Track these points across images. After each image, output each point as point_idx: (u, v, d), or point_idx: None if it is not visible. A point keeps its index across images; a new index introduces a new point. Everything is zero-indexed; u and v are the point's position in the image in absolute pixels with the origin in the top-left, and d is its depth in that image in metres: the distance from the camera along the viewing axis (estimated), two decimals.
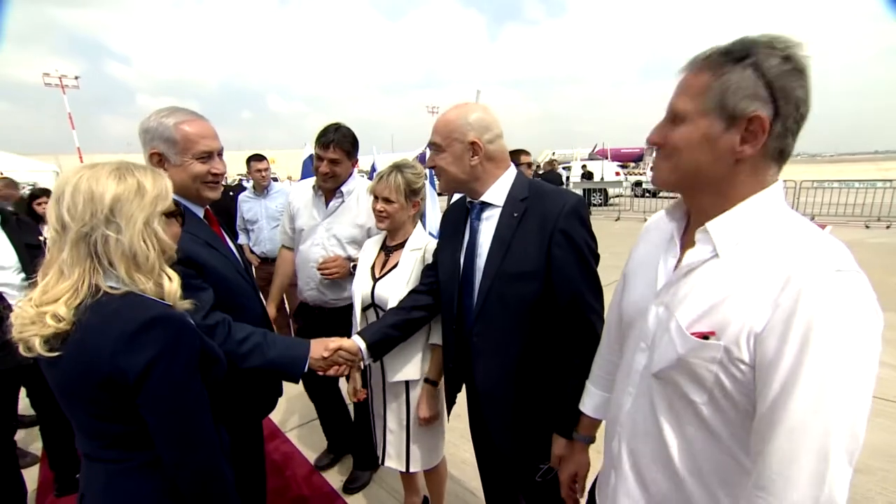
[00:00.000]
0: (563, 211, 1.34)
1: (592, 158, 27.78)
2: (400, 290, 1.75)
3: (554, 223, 1.33)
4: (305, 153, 4.93)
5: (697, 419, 0.81)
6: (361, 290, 1.86)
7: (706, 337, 0.76)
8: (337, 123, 2.21)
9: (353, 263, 2.20)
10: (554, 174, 11.27)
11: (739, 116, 0.74)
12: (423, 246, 1.82)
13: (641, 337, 0.93)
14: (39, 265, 0.96)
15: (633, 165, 34.37)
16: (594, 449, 1.26)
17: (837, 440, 0.65)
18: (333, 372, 1.54)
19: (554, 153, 28.04)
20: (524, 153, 4.20)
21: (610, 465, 1.03)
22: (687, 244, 0.88)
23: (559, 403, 1.35)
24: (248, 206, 4.17)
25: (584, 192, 14.60)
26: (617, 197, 17.19)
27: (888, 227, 10.31)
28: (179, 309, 1.01)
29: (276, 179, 4.99)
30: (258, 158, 4.28)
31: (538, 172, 11.33)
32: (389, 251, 1.88)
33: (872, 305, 0.67)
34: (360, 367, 1.64)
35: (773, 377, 0.68)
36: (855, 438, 0.66)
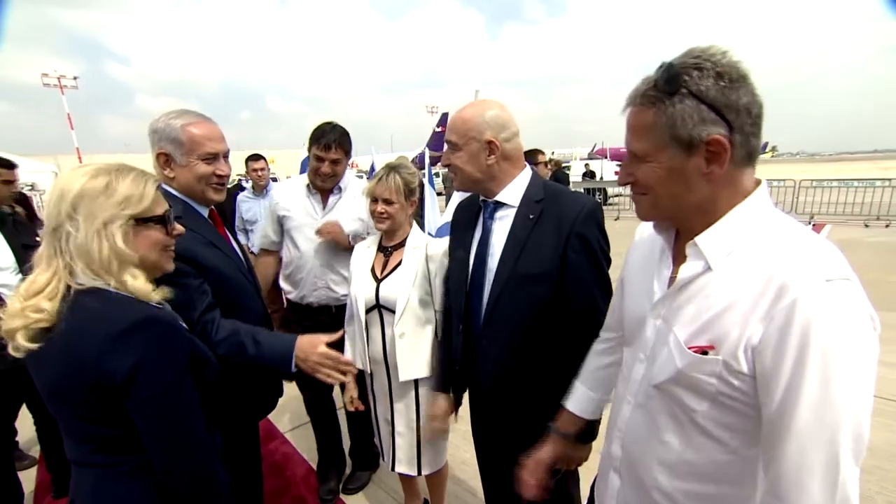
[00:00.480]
0: (580, 215, 1.34)
1: (592, 158, 27.80)
2: (406, 288, 1.76)
3: (571, 226, 1.33)
4: (304, 153, 4.92)
5: (699, 427, 0.81)
6: (364, 292, 1.84)
7: (705, 352, 0.76)
8: (332, 123, 2.20)
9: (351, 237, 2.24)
10: (562, 173, 11.24)
11: (697, 143, 0.74)
12: (423, 244, 1.83)
13: (640, 348, 0.93)
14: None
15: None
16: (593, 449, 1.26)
17: (845, 447, 0.65)
18: (321, 377, 1.41)
19: (553, 153, 28.06)
20: (540, 152, 4.14)
21: (609, 467, 1.04)
22: (678, 257, 0.88)
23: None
24: (246, 206, 4.17)
25: (583, 191, 14.55)
26: (617, 196, 17.18)
27: (887, 225, 10.32)
28: (152, 301, 0.99)
29: (275, 179, 4.99)
30: (255, 158, 4.28)
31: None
32: (389, 251, 1.87)
33: (865, 311, 0.68)
34: (351, 374, 1.48)
35: (774, 390, 0.69)
36: (860, 441, 0.66)
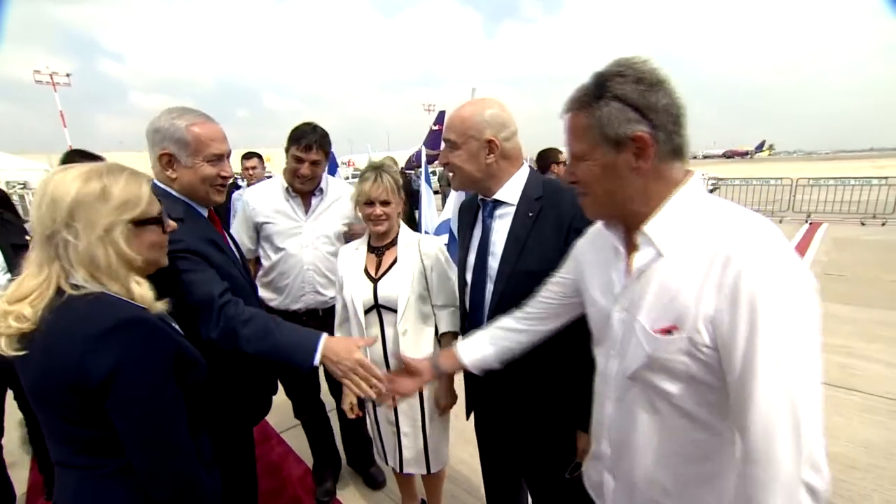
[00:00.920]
0: (579, 211, 1.34)
1: None
2: (406, 285, 1.76)
3: (570, 223, 1.34)
4: None
5: (676, 409, 0.87)
6: (361, 293, 1.81)
7: (670, 332, 0.82)
8: (311, 124, 2.17)
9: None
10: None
11: (624, 140, 0.83)
12: (416, 240, 1.84)
13: (611, 344, 0.98)
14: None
15: None
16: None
17: (804, 405, 0.71)
18: (349, 385, 1.33)
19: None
20: (558, 151, 4.03)
21: (602, 470, 1.07)
22: (630, 249, 0.94)
23: (575, 400, 1.34)
24: (241, 204, 4.15)
25: None
26: None
27: (883, 224, 10.37)
28: (155, 311, 0.98)
29: (270, 177, 4.97)
30: (248, 157, 4.27)
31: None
32: (381, 251, 1.86)
33: (801, 268, 0.74)
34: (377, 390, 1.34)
35: (734, 357, 0.75)
36: (817, 394, 0.72)
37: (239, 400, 1.52)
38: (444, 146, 1.49)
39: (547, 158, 4.07)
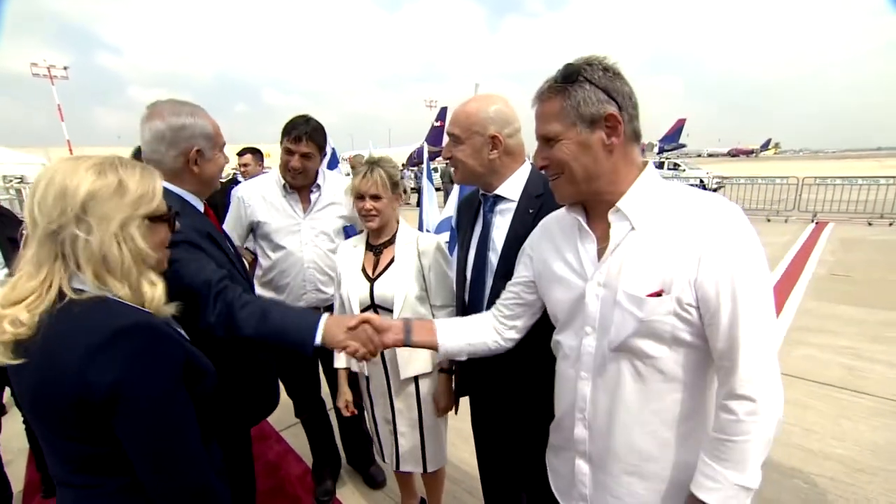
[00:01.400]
0: None
1: None
2: (403, 285, 1.75)
3: None
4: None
5: (661, 374, 0.96)
6: (358, 293, 1.81)
7: (659, 295, 0.92)
8: (306, 116, 2.13)
9: None
10: None
11: (597, 118, 0.95)
12: (414, 239, 1.82)
13: (584, 322, 1.04)
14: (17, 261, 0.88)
15: None
16: None
17: (774, 341, 0.90)
18: (351, 351, 1.31)
19: None
20: None
21: (572, 457, 1.12)
22: (595, 229, 1.04)
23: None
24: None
25: None
26: None
27: (891, 224, 10.35)
28: (163, 314, 0.92)
29: (268, 170, 4.97)
30: (241, 153, 4.29)
31: None
32: (379, 249, 1.85)
33: (753, 230, 0.90)
34: (377, 351, 1.35)
35: (720, 313, 0.88)
36: (776, 328, 0.92)
37: (241, 402, 1.51)
38: (447, 140, 1.50)
39: None
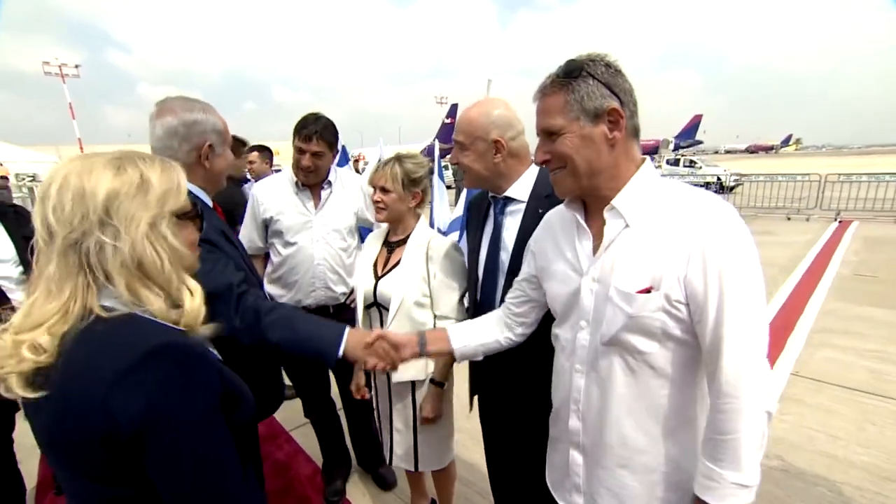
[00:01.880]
0: None
1: None
2: (402, 288, 1.75)
3: None
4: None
5: (650, 369, 0.99)
6: (364, 287, 1.86)
7: (648, 291, 0.95)
8: (316, 113, 2.15)
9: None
10: None
11: (601, 112, 0.98)
12: (425, 242, 1.81)
13: (580, 317, 1.08)
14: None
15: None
16: None
17: (762, 347, 0.91)
18: (371, 366, 1.37)
19: None
20: None
21: (567, 448, 1.16)
22: (593, 226, 1.07)
23: None
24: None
25: None
26: None
27: None
28: (199, 334, 0.82)
29: (279, 170, 5.00)
30: (248, 151, 4.32)
31: None
32: (392, 247, 1.87)
33: (747, 232, 0.92)
34: (396, 366, 1.41)
35: (707, 310, 0.91)
36: (766, 337, 0.92)
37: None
38: (454, 146, 1.57)
39: None
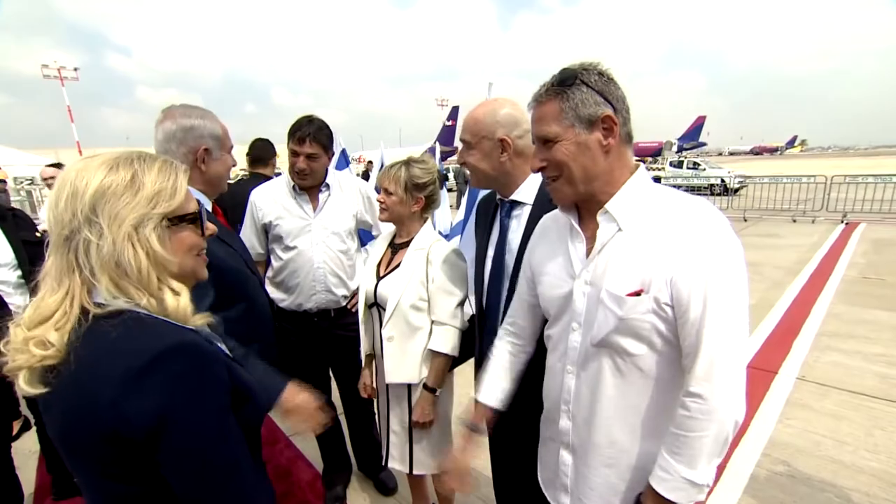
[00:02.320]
0: None
1: None
2: (397, 292, 1.77)
3: None
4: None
5: (640, 371, 1.03)
6: (366, 287, 1.90)
7: (638, 294, 0.98)
8: (310, 116, 2.16)
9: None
10: None
11: (595, 120, 1.01)
12: (427, 246, 1.83)
13: (572, 318, 1.11)
14: (38, 263, 0.82)
15: (650, 161, 34.11)
16: None
17: (739, 346, 0.95)
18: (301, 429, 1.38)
19: None
20: None
21: (557, 448, 1.20)
22: (586, 229, 1.10)
23: None
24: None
25: None
26: None
27: None
28: (190, 325, 0.84)
29: (279, 174, 5.02)
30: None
31: None
32: (396, 249, 1.91)
33: (736, 241, 0.96)
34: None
35: (689, 313, 0.94)
36: (745, 347, 0.97)
37: None
38: (460, 146, 1.58)
39: None
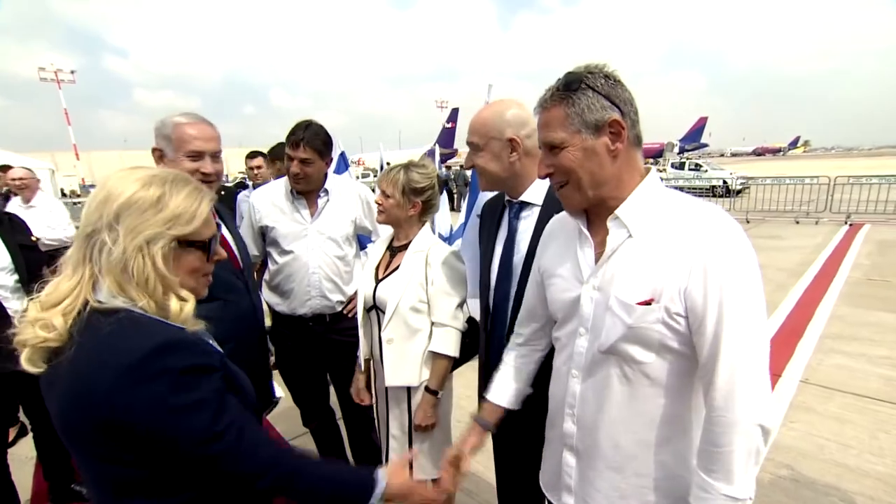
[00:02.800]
0: None
1: None
2: (399, 292, 1.78)
3: None
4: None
5: (648, 378, 1.01)
6: (364, 290, 1.91)
7: (648, 303, 0.97)
8: (308, 121, 2.17)
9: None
10: None
11: (602, 124, 0.99)
12: (425, 249, 1.83)
13: (579, 324, 1.10)
14: (34, 267, 0.93)
15: (651, 162, 34.14)
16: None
17: (760, 362, 0.92)
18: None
19: None
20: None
21: (561, 449, 1.20)
22: (595, 234, 1.09)
23: None
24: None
25: None
26: None
27: None
28: (193, 329, 0.91)
29: (280, 177, 5.04)
30: (252, 156, 4.32)
31: None
32: (394, 252, 1.91)
33: (749, 247, 0.94)
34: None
35: (706, 323, 0.93)
36: (766, 352, 0.94)
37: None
38: (468, 150, 1.58)
39: None
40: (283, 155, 3.47)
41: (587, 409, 1.11)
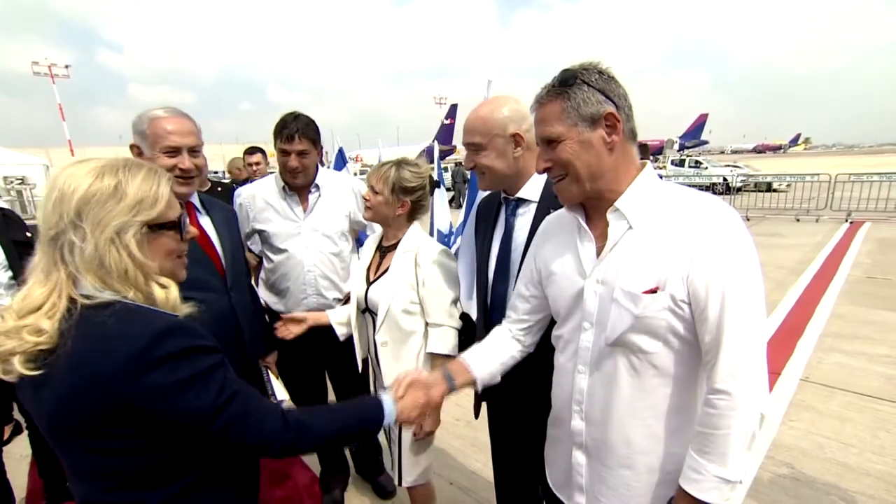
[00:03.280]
0: None
1: None
2: (387, 295, 1.76)
3: None
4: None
5: (655, 368, 1.04)
6: (357, 292, 1.88)
7: (654, 292, 0.99)
8: (294, 113, 2.13)
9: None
10: None
11: (597, 117, 1.03)
12: (414, 249, 1.80)
13: (583, 318, 1.12)
14: (27, 263, 0.90)
15: (651, 159, 34.16)
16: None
17: (759, 348, 0.96)
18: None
19: None
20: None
21: (570, 448, 1.20)
22: (594, 228, 1.11)
23: None
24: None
25: None
26: None
27: None
28: (179, 313, 0.93)
29: (272, 173, 5.02)
30: (251, 151, 4.30)
31: None
32: (384, 252, 1.88)
33: (747, 234, 0.98)
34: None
35: (708, 310, 0.96)
36: (764, 339, 0.98)
37: None
38: (466, 151, 1.55)
39: None
40: None
41: (595, 404, 1.12)
